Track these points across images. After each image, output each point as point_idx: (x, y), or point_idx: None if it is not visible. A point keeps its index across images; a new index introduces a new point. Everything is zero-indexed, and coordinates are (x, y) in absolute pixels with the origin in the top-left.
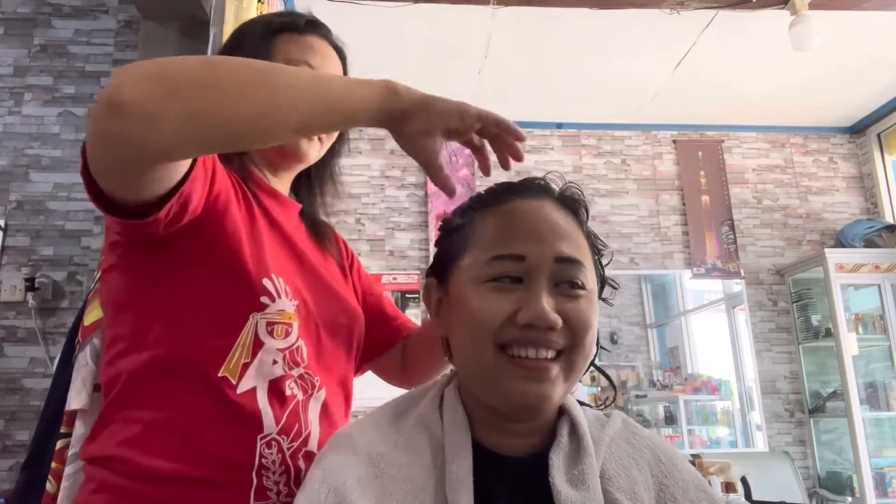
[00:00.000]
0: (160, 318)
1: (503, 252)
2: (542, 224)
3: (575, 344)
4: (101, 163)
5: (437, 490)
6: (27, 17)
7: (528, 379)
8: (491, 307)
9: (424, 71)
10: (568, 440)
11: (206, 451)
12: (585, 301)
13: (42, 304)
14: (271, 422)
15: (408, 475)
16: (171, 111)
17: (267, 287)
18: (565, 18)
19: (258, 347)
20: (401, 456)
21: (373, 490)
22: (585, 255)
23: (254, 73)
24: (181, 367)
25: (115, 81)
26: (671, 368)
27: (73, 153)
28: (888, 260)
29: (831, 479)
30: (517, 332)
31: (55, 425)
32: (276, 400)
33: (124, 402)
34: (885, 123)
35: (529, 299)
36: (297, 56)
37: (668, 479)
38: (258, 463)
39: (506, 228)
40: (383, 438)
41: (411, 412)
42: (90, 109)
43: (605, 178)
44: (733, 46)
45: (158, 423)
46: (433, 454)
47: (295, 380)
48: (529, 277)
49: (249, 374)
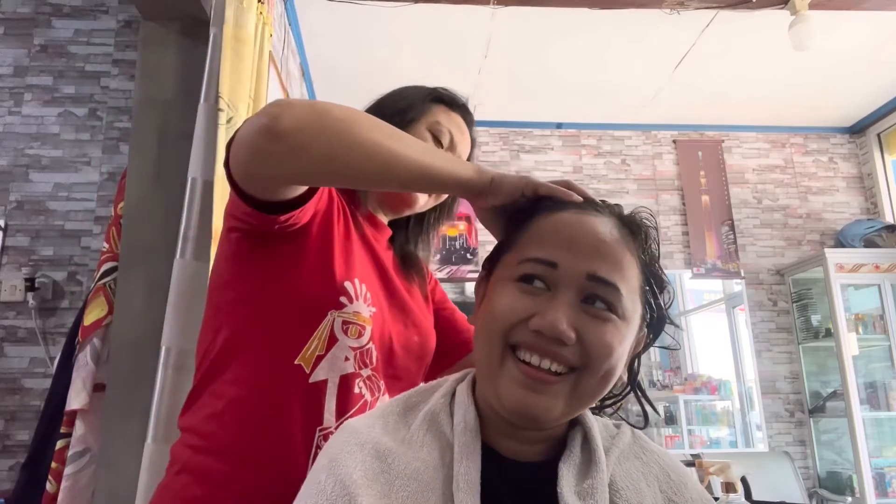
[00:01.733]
0: (253, 303)
1: (537, 255)
2: (585, 237)
3: (587, 365)
4: (245, 169)
5: (444, 489)
6: (27, 17)
7: (526, 386)
8: (510, 306)
9: (424, 71)
10: (580, 452)
11: (271, 434)
12: (613, 327)
13: (42, 304)
14: (332, 417)
15: (414, 472)
16: (314, 149)
17: (347, 289)
18: (565, 18)
19: (332, 342)
20: (408, 452)
21: (378, 485)
22: (627, 282)
23: (384, 136)
24: (264, 350)
25: (275, 111)
26: (671, 368)
27: (73, 153)
28: (888, 260)
29: (831, 479)
30: (528, 336)
31: (55, 425)
32: (343, 396)
33: (214, 377)
34: (885, 123)
35: (547, 307)
36: (445, 123)
37: (677, 496)
38: (314, 454)
39: (550, 233)
40: (391, 433)
41: (420, 408)
42: (245, 125)
43: (605, 178)
44: (733, 46)
45: (238, 400)
46: (441, 452)
47: (364, 379)
48: (557, 286)
49: (322, 366)
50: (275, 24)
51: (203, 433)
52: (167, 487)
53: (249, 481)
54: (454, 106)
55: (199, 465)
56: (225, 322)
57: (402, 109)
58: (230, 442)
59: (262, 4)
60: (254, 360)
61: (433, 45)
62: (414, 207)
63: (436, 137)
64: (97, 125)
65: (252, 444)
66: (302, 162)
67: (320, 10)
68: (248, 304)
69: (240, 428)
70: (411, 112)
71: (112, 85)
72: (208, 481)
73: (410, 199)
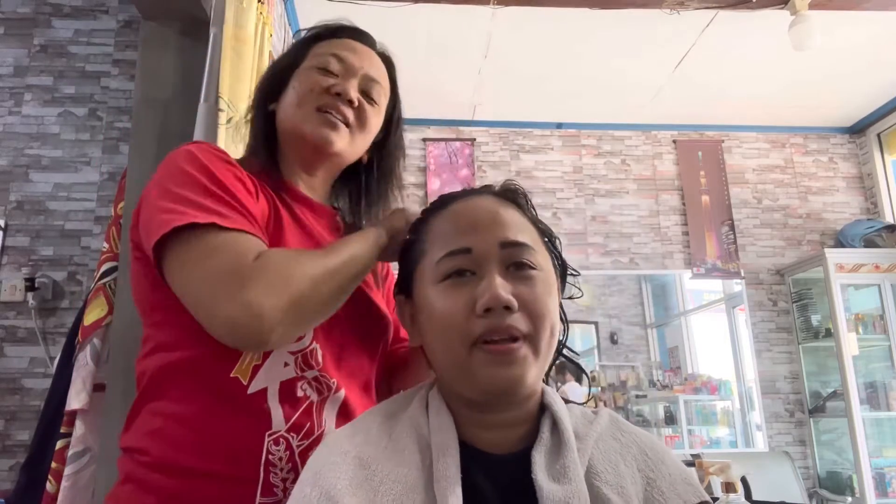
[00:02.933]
0: (180, 319)
1: (450, 249)
2: (482, 215)
3: (536, 327)
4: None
5: (427, 489)
6: (27, 17)
7: (498, 364)
8: (451, 305)
9: (424, 71)
10: (549, 436)
11: (217, 445)
12: (539, 281)
13: (42, 304)
14: (280, 420)
15: (398, 476)
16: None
17: None
18: (565, 18)
19: (269, 351)
20: (391, 457)
21: (364, 492)
22: (533, 238)
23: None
24: (198, 366)
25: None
26: (671, 368)
27: (72, 153)
28: (888, 260)
29: (831, 479)
30: (482, 323)
31: (55, 425)
32: (286, 400)
33: (150, 395)
34: (885, 123)
35: (483, 286)
36: (325, 51)
37: (654, 473)
38: (265, 458)
39: (450, 227)
40: (373, 441)
41: (400, 415)
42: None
43: (605, 178)
44: (733, 46)
45: (176, 416)
46: (422, 454)
47: (308, 381)
48: (480, 267)
49: (260, 376)
50: (275, 24)
51: (145, 450)
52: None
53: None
54: (336, 33)
55: (147, 478)
56: (156, 340)
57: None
58: (174, 457)
59: (262, 4)
60: (189, 376)
61: (433, 45)
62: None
63: (323, 71)
64: (97, 125)
65: (199, 457)
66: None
67: (320, 10)
68: (175, 321)
69: (183, 442)
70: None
71: (112, 85)
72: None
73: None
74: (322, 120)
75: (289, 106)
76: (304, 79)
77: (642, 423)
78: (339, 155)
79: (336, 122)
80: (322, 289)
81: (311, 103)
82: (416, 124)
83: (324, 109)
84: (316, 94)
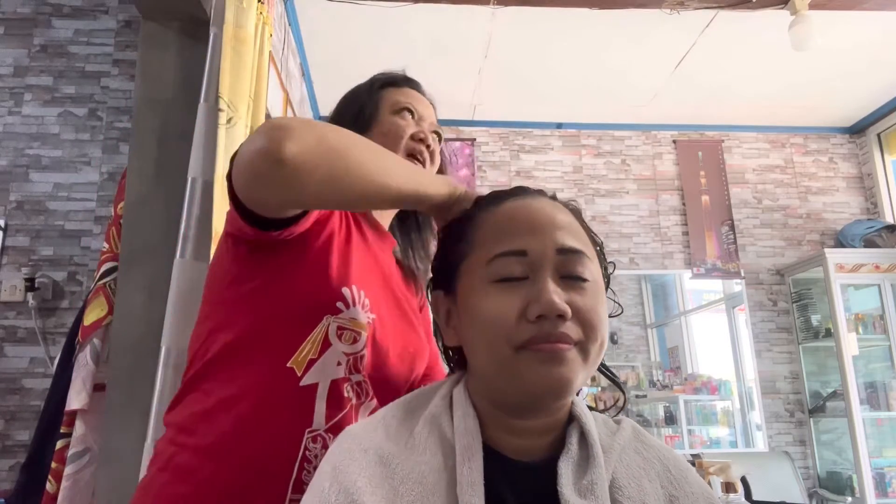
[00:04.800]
0: (250, 305)
1: (504, 249)
2: (540, 217)
3: (588, 336)
4: (247, 192)
5: (448, 492)
6: (27, 17)
7: (547, 362)
8: (501, 307)
9: (424, 71)
10: (577, 448)
11: (259, 435)
12: (591, 292)
13: (42, 304)
14: (322, 418)
15: (418, 475)
16: (316, 175)
17: (344, 294)
18: (565, 18)
19: (326, 347)
20: (411, 456)
21: (383, 490)
22: (587, 247)
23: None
24: (257, 351)
25: (276, 135)
26: (671, 368)
27: (73, 153)
28: (888, 260)
29: (831, 479)
30: (532, 329)
31: (55, 425)
32: (333, 399)
33: (206, 375)
34: (885, 123)
35: (537, 291)
36: (402, 99)
37: (678, 490)
38: (301, 455)
39: (505, 227)
40: (393, 438)
41: (421, 411)
42: (247, 144)
43: (605, 178)
44: (733, 46)
45: (226, 401)
46: (444, 455)
47: (353, 384)
48: (534, 271)
49: (314, 370)
50: (275, 24)
51: (190, 430)
52: (149, 486)
53: (235, 480)
54: (399, 83)
55: (184, 463)
56: (220, 322)
57: (357, 112)
58: (217, 440)
59: (262, 4)
60: (246, 361)
61: (433, 45)
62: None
63: (401, 115)
64: (97, 125)
65: (239, 444)
66: (304, 187)
67: (320, 10)
68: (245, 306)
69: (228, 426)
70: (366, 109)
71: (112, 85)
72: (192, 479)
73: None
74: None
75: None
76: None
77: (642, 423)
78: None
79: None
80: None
81: (400, 148)
82: None
83: (411, 153)
84: (402, 138)
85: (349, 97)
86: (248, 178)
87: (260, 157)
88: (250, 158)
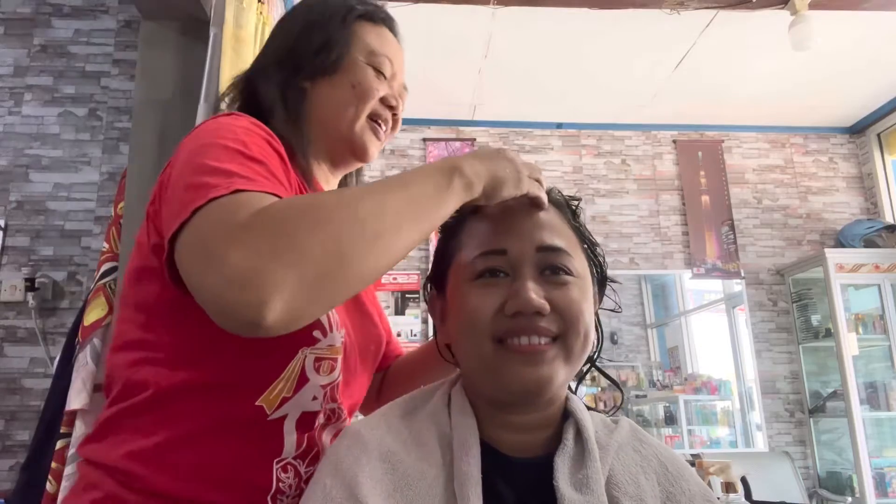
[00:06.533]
0: (203, 337)
1: (486, 249)
2: (523, 219)
3: (568, 328)
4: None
5: (447, 487)
6: (27, 17)
7: (525, 363)
8: (481, 302)
9: (424, 71)
10: (573, 444)
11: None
12: (574, 287)
13: (42, 304)
14: (291, 447)
15: (419, 472)
16: (314, 310)
17: (321, 320)
18: (565, 18)
19: (302, 383)
20: (411, 452)
21: (384, 486)
22: (571, 244)
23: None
24: (218, 390)
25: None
26: (671, 368)
27: (72, 153)
28: (888, 260)
29: (831, 479)
30: (509, 322)
31: (55, 425)
32: (301, 427)
33: (145, 411)
34: (885, 123)
35: (515, 289)
36: (378, 48)
37: (674, 487)
38: (275, 487)
39: (490, 227)
40: (394, 435)
41: (421, 410)
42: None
43: (605, 178)
44: (733, 46)
45: (178, 440)
46: (442, 451)
47: (326, 412)
48: (514, 269)
49: (286, 407)
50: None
51: (133, 474)
52: None
53: None
54: (378, 20)
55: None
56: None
57: (324, 45)
58: (175, 485)
59: (262, 4)
60: (204, 400)
61: (433, 45)
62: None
63: (376, 69)
64: (97, 125)
65: (203, 486)
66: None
67: None
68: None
69: (185, 469)
70: (336, 46)
71: (112, 85)
72: None
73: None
74: (372, 128)
75: (340, 101)
76: (361, 77)
77: (642, 423)
78: (369, 161)
79: (381, 132)
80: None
81: (366, 109)
82: (416, 124)
83: (375, 119)
84: (372, 100)
85: (314, 18)
86: (221, 321)
87: (240, 328)
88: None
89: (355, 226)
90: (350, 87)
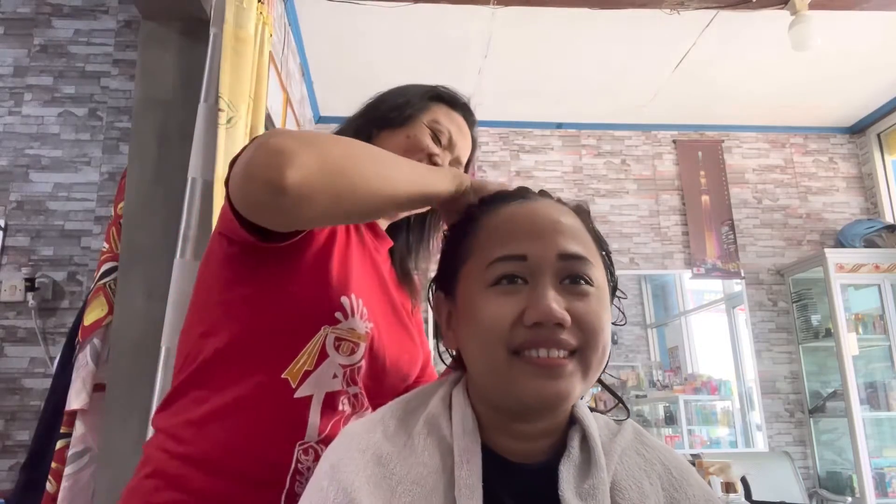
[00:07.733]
0: (243, 312)
1: (504, 253)
2: (542, 222)
3: (588, 342)
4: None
5: (447, 493)
6: (27, 17)
7: (544, 376)
8: (498, 311)
9: (424, 71)
10: (579, 451)
11: (251, 447)
12: (594, 298)
13: (42, 304)
14: (315, 430)
15: (416, 477)
16: (322, 198)
17: (343, 304)
18: (565, 18)
19: (322, 359)
20: (409, 457)
21: (382, 491)
22: (591, 252)
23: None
24: (251, 361)
25: (274, 161)
26: (671, 368)
27: (72, 153)
28: (888, 260)
29: (831, 479)
30: (527, 333)
31: (55, 425)
32: (326, 411)
33: (197, 382)
34: (885, 123)
35: (535, 298)
36: (444, 121)
37: (678, 492)
38: (294, 467)
39: (506, 230)
40: (391, 438)
41: (420, 412)
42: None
43: (605, 178)
44: (733, 46)
45: (218, 410)
46: (442, 457)
47: (349, 397)
48: (533, 276)
49: (309, 382)
50: (275, 24)
51: (180, 438)
52: (135, 490)
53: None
54: (455, 105)
55: (174, 471)
56: (212, 327)
57: (399, 105)
58: (208, 451)
59: (262, 4)
60: (239, 370)
61: (433, 45)
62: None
63: (434, 135)
64: (97, 125)
65: (230, 456)
66: (309, 213)
67: (320, 10)
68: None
69: (219, 438)
70: (409, 108)
71: (112, 85)
72: (183, 487)
73: None
74: None
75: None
76: (418, 134)
77: (642, 423)
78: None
79: None
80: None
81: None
82: None
83: None
84: (420, 152)
85: (402, 88)
86: (248, 205)
87: (260, 187)
88: (250, 186)
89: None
90: (405, 137)
